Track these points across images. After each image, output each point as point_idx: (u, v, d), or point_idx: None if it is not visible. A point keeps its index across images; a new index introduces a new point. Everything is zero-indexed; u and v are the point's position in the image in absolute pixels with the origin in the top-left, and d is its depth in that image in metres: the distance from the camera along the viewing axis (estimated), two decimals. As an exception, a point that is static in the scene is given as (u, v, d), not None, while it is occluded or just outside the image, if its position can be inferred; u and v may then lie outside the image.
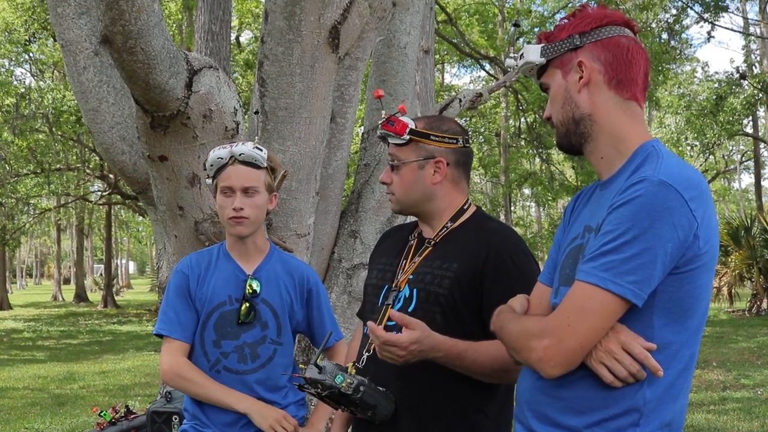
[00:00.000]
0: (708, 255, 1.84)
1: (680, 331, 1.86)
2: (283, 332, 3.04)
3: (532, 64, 2.08)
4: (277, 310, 3.04)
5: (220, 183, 2.97)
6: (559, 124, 2.06)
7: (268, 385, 3.00)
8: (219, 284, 2.99)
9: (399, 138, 2.55)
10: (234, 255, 3.05)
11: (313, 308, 3.14)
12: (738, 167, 47.21)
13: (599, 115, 1.99)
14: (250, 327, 2.97)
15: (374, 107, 7.51)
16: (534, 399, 1.98)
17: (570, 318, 1.82)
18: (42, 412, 9.95)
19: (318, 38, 5.75)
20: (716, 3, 20.47)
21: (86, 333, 22.45)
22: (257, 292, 3.00)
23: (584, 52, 2.01)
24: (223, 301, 2.98)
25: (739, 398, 9.81)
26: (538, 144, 27.77)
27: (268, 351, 3.00)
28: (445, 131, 2.60)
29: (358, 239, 7.09)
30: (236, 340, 2.96)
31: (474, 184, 38.33)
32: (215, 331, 2.96)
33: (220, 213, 3.00)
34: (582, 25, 2.02)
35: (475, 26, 29.16)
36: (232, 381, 2.95)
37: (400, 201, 2.61)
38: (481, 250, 2.48)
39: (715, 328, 18.68)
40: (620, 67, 1.99)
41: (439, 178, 2.60)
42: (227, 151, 2.98)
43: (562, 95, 2.04)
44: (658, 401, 1.85)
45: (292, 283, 3.09)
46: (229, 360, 2.95)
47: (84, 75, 5.63)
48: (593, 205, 2.04)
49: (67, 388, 12.10)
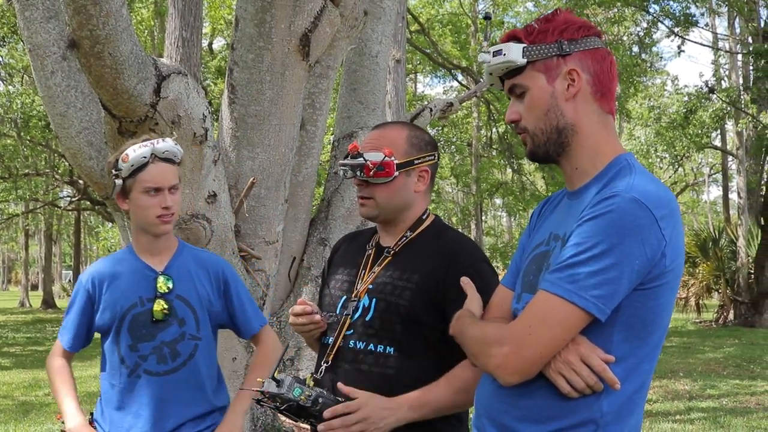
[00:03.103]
0: (673, 273, 1.84)
1: (640, 346, 1.86)
2: (201, 326, 2.99)
3: (513, 63, 1.99)
4: (194, 305, 2.99)
5: (141, 182, 2.88)
6: (539, 132, 1.99)
7: (192, 384, 2.95)
8: (127, 287, 2.94)
9: (387, 178, 2.51)
10: (143, 255, 3.00)
11: (231, 298, 3.09)
12: (707, 180, 47.70)
13: (582, 126, 1.97)
14: (166, 325, 2.92)
15: (344, 115, 7.51)
16: (492, 407, 1.97)
17: (531, 327, 1.82)
18: (6, 419, 9.82)
19: (288, 45, 5.75)
20: (686, 18, 20.67)
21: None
22: (170, 289, 2.95)
23: (573, 60, 1.96)
24: (134, 303, 2.92)
25: (705, 408, 9.88)
26: (509, 154, 27.87)
27: (188, 347, 2.94)
28: (425, 148, 2.58)
29: (327, 247, 7.08)
30: (153, 340, 2.90)
31: (445, 193, 38.43)
32: (130, 334, 2.90)
33: (144, 213, 2.92)
34: (569, 31, 1.97)
35: (447, 36, 29.27)
36: (153, 384, 2.88)
37: (383, 208, 2.55)
38: (441, 261, 2.47)
39: (683, 338, 18.82)
40: (605, 80, 1.98)
41: (422, 187, 2.59)
42: (148, 149, 2.88)
43: (546, 102, 1.97)
44: (615, 414, 1.85)
45: (206, 276, 3.05)
46: (148, 363, 2.89)
47: (51, 79, 5.58)
48: (561, 213, 2.04)
49: (33, 395, 11.96)
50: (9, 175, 25.69)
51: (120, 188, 2.93)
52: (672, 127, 25.02)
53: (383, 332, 2.45)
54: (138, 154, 2.87)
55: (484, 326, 1.98)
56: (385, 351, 2.44)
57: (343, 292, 2.62)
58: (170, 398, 2.91)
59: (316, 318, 2.59)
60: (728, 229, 24.37)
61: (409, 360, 2.43)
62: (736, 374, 12.83)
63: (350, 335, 2.49)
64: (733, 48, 25.02)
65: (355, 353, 2.48)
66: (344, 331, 2.51)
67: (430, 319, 2.43)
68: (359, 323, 2.50)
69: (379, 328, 2.44)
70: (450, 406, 2.39)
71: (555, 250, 1.91)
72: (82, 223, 38.53)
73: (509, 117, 2.05)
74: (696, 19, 21.33)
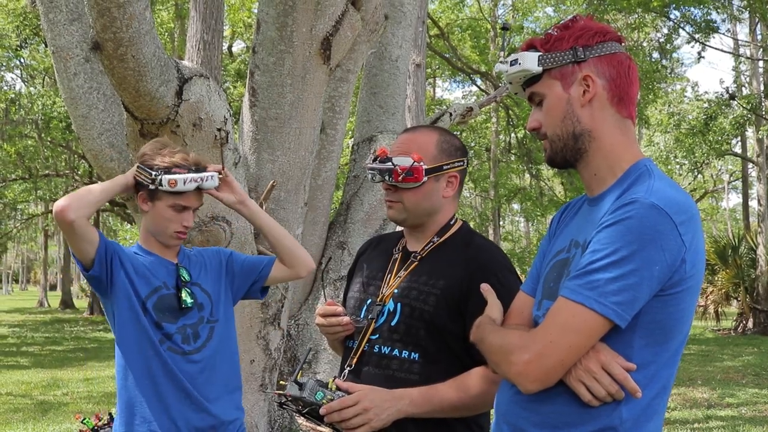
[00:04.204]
0: (693, 279, 1.83)
1: (660, 353, 1.86)
2: (215, 310, 3.08)
3: (529, 72, 2.00)
4: (209, 291, 3.09)
5: (174, 199, 2.95)
6: (556, 138, 2.00)
7: (211, 363, 3.00)
8: (149, 272, 3.00)
9: (415, 183, 2.51)
10: (153, 250, 3.07)
11: (238, 266, 3.21)
12: (726, 187, 47.39)
13: (599, 131, 1.96)
14: (188, 310, 3.00)
15: (364, 119, 7.52)
16: (511, 412, 1.97)
17: (552, 334, 1.81)
18: (25, 418, 9.88)
19: (309, 49, 5.76)
20: (707, 24, 20.57)
21: (71, 340, 22.33)
22: (190, 277, 3.05)
23: (588, 66, 1.96)
24: (159, 285, 2.99)
25: (724, 416, 9.81)
26: (527, 159, 27.83)
27: (206, 330, 3.03)
28: (455, 153, 2.57)
29: (346, 250, 7.09)
30: (176, 322, 2.97)
31: (464, 198, 38.36)
32: (155, 312, 2.95)
33: (164, 224, 2.99)
34: (584, 37, 1.97)
35: (467, 41, 29.24)
36: (178, 361, 2.94)
37: (410, 212, 2.54)
38: (467, 268, 2.45)
39: (701, 346, 18.71)
40: (623, 85, 1.97)
41: (451, 192, 2.58)
42: (196, 184, 2.95)
43: (562, 108, 1.98)
44: (634, 421, 1.84)
45: (212, 262, 3.17)
46: (173, 341, 2.95)
47: (74, 81, 5.62)
48: (581, 220, 2.03)
49: (51, 394, 12.02)
50: (29, 175, 25.88)
51: (153, 195, 2.97)
52: (692, 133, 24.86)
53: (408, 338, 2.44)
54: (186, 186, 2.92)
55: (505, 334, 1.98)
56: (410, 357, 2.44)
57: (368, 296, 2.61)
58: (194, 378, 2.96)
59: (345, 320, 2.58)
60: (748, 236, 24.22)
61: (433, 366, 2.42)
62: (755, 383, 12.74)
63: (375, 340, 2.49)
64: (755, 54, 24.85)
65: (379, 358, 2.48)
66: (369, 335, 2.51)
67: (453, 326, 2.42)
68: (385, 328, 2.49)
69: (405, 333, 2.44)
70: (454, 408, 2.38)
71: (575, 257, 1.91)
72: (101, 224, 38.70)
73: (530, 125, 2.06)
74: (717, 25, 21.22)
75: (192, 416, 2.93)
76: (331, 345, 2.80)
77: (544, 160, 2.11)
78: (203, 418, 2.95)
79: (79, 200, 2.81)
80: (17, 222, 34.65)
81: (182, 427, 2.92)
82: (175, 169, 2.91)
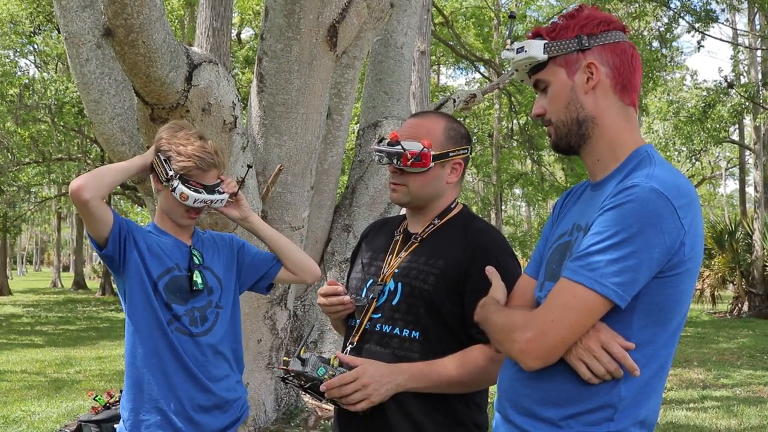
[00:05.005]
0: (692, 261, 1.84)
1: (659, 333, 1.86)
2: (224, 295, 3.07)
3: (535, 59, 2.02)
4: (220, 276, 3.09)
5: (193, 177, 2.94)
6: (560, 124, 2.01)
7: (215, 348, 3.00)
8: (162, 252, 2.98)
9: (422, 168, 2.51)
10: (168, 230, 3.06)
11: (249, 260, 3.20)
12: (724, 173, 47.32)
13: (602, 118, 1.97)
14: (198, 293, 2.99)
15: (370, 105, 7.51)
16: (513, 390, 1.98)
17: (554, 314, 1.82)
18: (39, 395, 9.92)
19: (316, 36, 5.75)
20: (707, 13, 20.47)
21: (84, 319, 22.41)
22: (203, 261, 3.04)
23: (592, 54, 1.97)
24: (172, 266, 2.97)
25: (719, 397, 9.83)
26: (529, 145, 27.83)
27: (213, 314, 3.02)
28: (460, 141, 2.58)
29: (351, 233, 7.10)
30: (186, 304, 2.96)
31: (466, 182, 38.34)
32: (166, 292, 2.94)
33: (176, 204, 2.97)
34: (589, 26, 1.98)
35: (471, 29, 29.14)
36: (184, 342, 2.93)
37: (415, 196, 2.55)
38: (467, 250, 2.46)
39: (697, 328, 18.73)
40: (626, 73, 1.97)
41: (455, 179, 2.58)
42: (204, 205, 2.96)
43: (566, 95, 1.99)
44: (633, 399, 1.85)
45: (224, 249, 3.16)
46: (181, 322, 2.94)
47: (86, 67, 5.62)
48: (583, 204, 2.04)
49: (64, 372, 12.07)
50: (43, 159, 25.91)
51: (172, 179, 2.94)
52: (690, 121, 24.77)
53: (409, 316, 2.45)
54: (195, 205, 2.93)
55: (509, 313, 1.98)
56: (411, 335, 2.45)
57: (369, 276, 2.62)
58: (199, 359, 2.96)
59: (346, 299, 2.60)
60: (744, 222, 24.21)
61: (432, 344, 2.43)
62: (749, 364, 12.76)
63: (377, 318, 2.50)
64: (753, 44, 24.74)
65: (380, 336, 2.49)
66: (370, 314, 2.52)
67: (451, 305, 2.43)
68: (386, 307, 2.50)
69: (405, 312, 2.45)
70: (453, 383, 2.38)
71: (578, 240, 1.91)
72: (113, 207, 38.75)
73: (535, 111, 2.07)
74: (716, 15, 21.09)
75: (197, 395, 2.94)
76: (333, 325, 2.82)
77: (550, 146, 2.11)
78: (208, 397, 2.96)
79: (95, 180, 2.80)
80: (31, 205, 34.70)
81: (187, 405, 2.93)
82: (193, 182, 2.91)
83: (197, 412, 2.94)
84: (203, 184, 2.94)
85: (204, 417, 2.96)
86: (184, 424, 2.92)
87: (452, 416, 2.45)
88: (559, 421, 1.87)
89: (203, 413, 2.96)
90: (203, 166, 2.94)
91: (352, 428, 2.50)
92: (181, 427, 2.92)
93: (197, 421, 2.94)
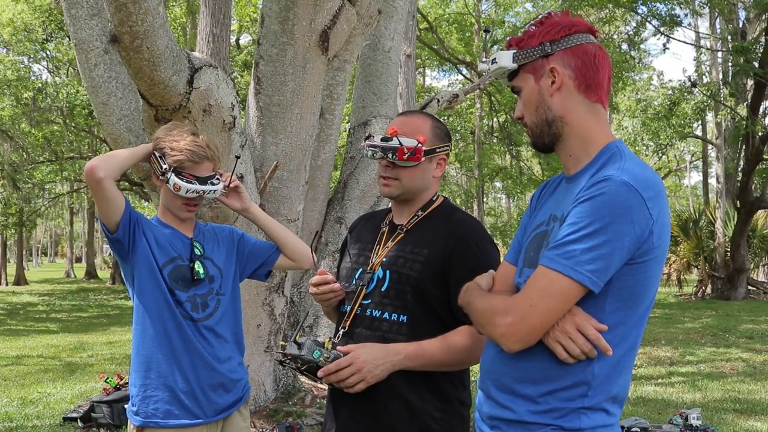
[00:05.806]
0: (659, 249, 1.84)
1: (630, 315, 1.86)
2: (224, 283, 3.06)
3: (505, 69, 2.05)
4: (220, 265, 3.07)
5: (186, 170, 2.91)
6: (533, 126, 2.02)
7: (215, 332, 2.99)
8: (166, 243, 2.97)
9: (414, 163, 2.53)
10: (171, 223, 3.04)
11: (248, 249, 3.20)
12: (688, 166, 47.49)
13: (570, 117, 1.97)
14: (199, 282, 2.97)
15: (359, 105, 7.48)
16: (495, 369, 1.98)
17: (533, 299, 1.82)
18: (54, 378, 9.90)
19: (309, 41, 5.72)
20: (671, 18, 20.50)
21: (95, 307, 22.36)
22: (204, 251, 3.03)
23: (555, 58, 1.98)
24: (176, 256, 2.96)
25: (685, 373, 9.88)
26: (508, 142, 27.85)
27: (214, 302, 3.01)
28: (444, 138, 2.60)
29: (343, 225, 7.08)
30: (187, 291, 2.95)
31: (450, 176, 38.36)
32: (169, 279, 2.93)
33: (173, 197, 2.96)
34: (552, 33, 1.99)
35: (453, 34, 29.11)
36: (188, 325, 2.92)
37: (406, 189, 2.56)
38: (449, 238, 2.48)
39: (665, 310, 18.81)
40: (588, 73, 1.97)
41: (439, 173, 2.61)
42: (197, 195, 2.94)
43: (535, 99, 2.00)
44: (605, 376, 1.86)
45: (224, 240, 3.16)
46: (183, 308, 2.93)
47: (95, 71, 5.58)
48: (559, 196, 2.04)
49: (77, 356, 12.04)
50: (56, 158, 25.78)
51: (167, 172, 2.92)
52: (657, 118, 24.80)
53: (397, 301, 2.46)
54: (188, 195, 2.91)
55: (490, 298, 1.99)
56: (399, 319, 2.45)
57: (359, 266, 2.62)
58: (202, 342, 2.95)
59: (336, 286, 2.61)
60: (707, 211, 24.35)
61: (419, 328, 2.43)
62: (712, 342, 12.83)
63: (367, 304, 2.50)
64: (714, 46, 24.82)
65: (371, 320, 2.49)
66: (360, 300, 2.53)
67: (436, 290, 2.44)
68: (376, 293, 2.51)
69: (394, 298, 2.45)
70: (441, 362, 2.39)
71: (554, 230, 1.92)
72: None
73: (516, 115, 2.10)
74: (680, 20, 21.14)
75: (203, 374, 2.93)
76: (326, 313, 2.81)
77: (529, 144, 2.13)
78: (213, 376, 2.95)
79: (107, 161, 2.79)
80: (45, 200, 34.55)
81: (193, 383, 2.91)
82: (185, 173, 2.89)
83: (203, 390, 2.93)
84: (196, 176, 2.92)
85: (210, 395, 2.95)
86: (190, 401, 2.91)
87: (438, 394, 2.45)
88: (538, 397, 1.87)
89: (209, 391, 2.95)
90: (195, 159, 2.92)
91: (344, 406, 2.50)
92: (187, 403, 2.91)
93: (203, 399, 2.94)
